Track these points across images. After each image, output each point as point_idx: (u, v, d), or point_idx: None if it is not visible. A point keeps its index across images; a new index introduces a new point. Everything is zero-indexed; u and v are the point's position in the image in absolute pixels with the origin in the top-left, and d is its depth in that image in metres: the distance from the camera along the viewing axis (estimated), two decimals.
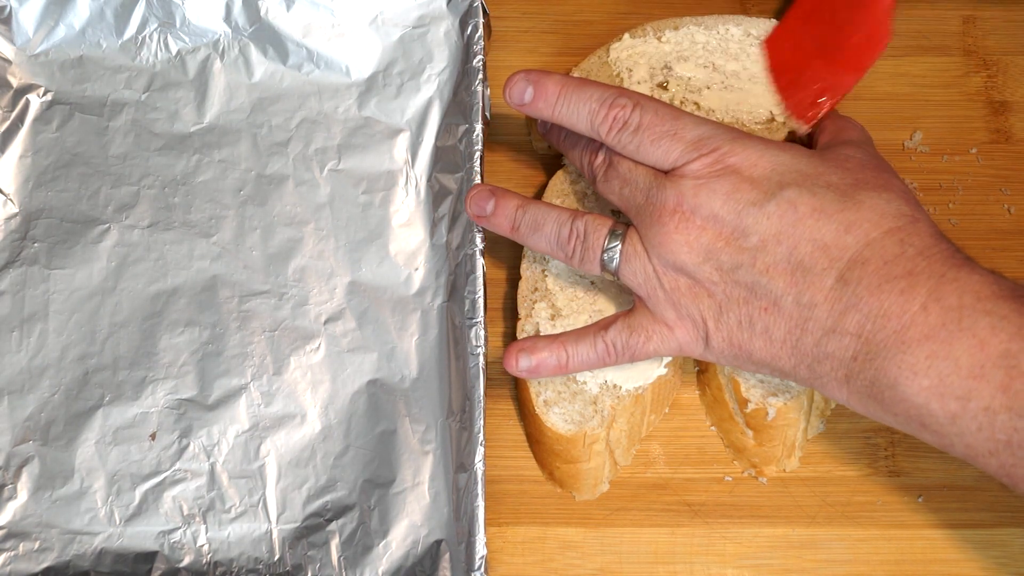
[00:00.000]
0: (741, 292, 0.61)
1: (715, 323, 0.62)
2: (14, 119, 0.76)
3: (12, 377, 0.71)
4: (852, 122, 0.69)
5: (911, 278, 0.58)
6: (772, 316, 0.61)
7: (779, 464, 0.70)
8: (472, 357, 0.69)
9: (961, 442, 0.57)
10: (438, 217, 0.74)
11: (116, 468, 0.69)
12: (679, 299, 0.63)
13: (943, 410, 0.56)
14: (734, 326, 0.62)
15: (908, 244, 0.59)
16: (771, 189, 0.61)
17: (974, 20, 0.80)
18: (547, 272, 0.71)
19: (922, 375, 0.57)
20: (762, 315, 0.61)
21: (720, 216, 0.61)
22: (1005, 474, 0.57)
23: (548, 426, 0.67)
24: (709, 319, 0.62)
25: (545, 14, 0.81)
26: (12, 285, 0.73)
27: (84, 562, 0.67)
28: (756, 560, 0.68)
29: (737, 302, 0.61)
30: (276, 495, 0.68)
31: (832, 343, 0.59)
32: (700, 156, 0.62)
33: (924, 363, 0.57)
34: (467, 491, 0.66)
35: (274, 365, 0.71)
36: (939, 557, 0.68)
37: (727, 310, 0.62)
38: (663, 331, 0.64)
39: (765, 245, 0.60)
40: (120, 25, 0.78)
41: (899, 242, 0.59)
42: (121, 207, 0.75)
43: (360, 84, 0.77)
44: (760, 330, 0.61)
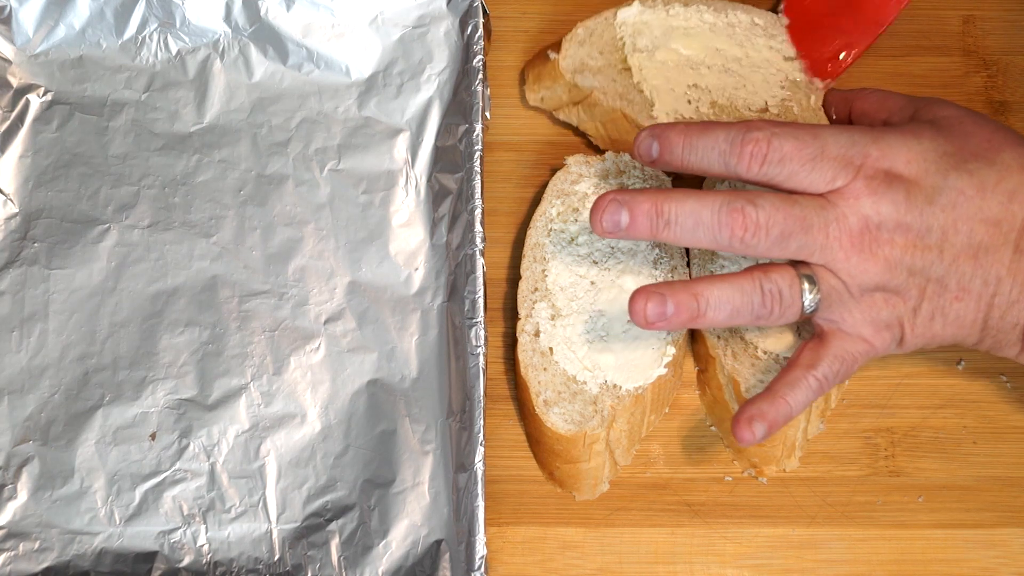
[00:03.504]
0: (933, 287, 0.62)
1: (910, 324, 0.63)
2: (14, 119, 0.76)
3: (12, 377, 0.71)
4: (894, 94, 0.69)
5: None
6: (963, 302, 0.62)
7: (779, 464, 0.70)
8: (472, 357, 0.69)
9: None
10: (438, 217, 0.74)
11: (116, 468, 0.69)
12: (877, 314, 0.63)
13: None
14: (928, 320, 0.63)
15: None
16: (935, 181, 0.62)
17: (974, 20, 0.80)
18: (547, 272, 0.71)
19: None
20: (954, 304, 0.62)
21: (905, 223, 0.61)
22: None
23: (548, 426, 0.67)
24: (905, 322, 0.63)
25: (545, 14, 0.81)
26: (12, 285, 0.73)
27: (84, 562, 0.67)
28: (756, 560, 0.68)
29: (930, 298, 0.62)
30: (276, 495, 0.68)
31: (1015, 311, 0.62)
32: (859, 172, 0.61)
33: None
34: (467, 491, 0.66)
35: (274, 365, 0.71)
36: (939, 557, 0.68)
37: (921, 308, 0.63)
38: (862, 347, 0.64)
39: (946, 237, 0.62)
40: (120, 25, 0.78)
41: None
42: (121, 207, 0.75)
43: (360, 84, 0.77)
44: (952, 318, 0.63)
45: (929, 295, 0.62)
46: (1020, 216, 0.61)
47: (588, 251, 0.71)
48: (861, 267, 0.62)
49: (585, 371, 0.68)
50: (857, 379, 0.72)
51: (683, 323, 0.62)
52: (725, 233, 0.61)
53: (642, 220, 0.62)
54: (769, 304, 0.62)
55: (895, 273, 0.62)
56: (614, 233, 0.63)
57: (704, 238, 0.62)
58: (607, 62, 0.75)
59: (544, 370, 0.68)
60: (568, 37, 0.76)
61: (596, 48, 0.76)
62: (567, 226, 0.72)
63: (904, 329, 0.63)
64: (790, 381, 0.63)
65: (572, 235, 0.71)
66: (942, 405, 0.71)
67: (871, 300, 0.63)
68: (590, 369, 0.68)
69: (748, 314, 0.63)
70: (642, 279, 0.70)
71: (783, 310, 0.63)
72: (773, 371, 0.67)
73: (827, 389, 0.64)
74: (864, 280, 0.62)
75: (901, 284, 0.62)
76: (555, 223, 0.72)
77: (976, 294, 0.62)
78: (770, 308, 0.63)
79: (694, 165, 0.63)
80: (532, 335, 0.69)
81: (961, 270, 0.62)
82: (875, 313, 0.63)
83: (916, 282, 0.62)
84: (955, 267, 0.62)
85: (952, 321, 0.63)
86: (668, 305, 0.62)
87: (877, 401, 0.71)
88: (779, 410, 0.63)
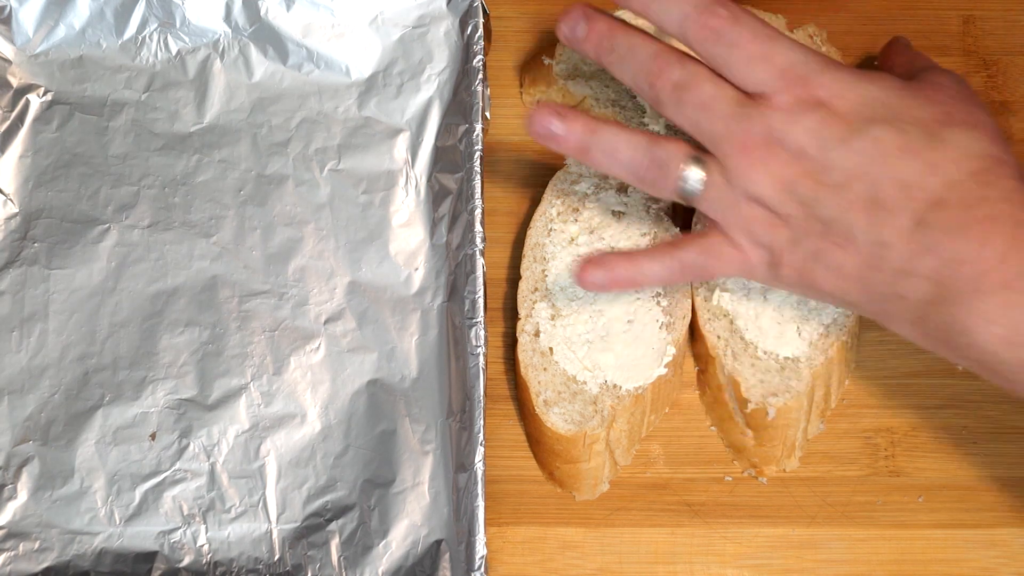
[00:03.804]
0: (817, 226, 0.60)
1: (787, 254, 0.61)
2: (14, 119, 0.76)
3: (12, 377, 0.71)
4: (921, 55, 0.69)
5: (991, 223, 0.57)
6: (845, 252, 0.60)
7: (779, 464, 0.70)
8: (472, 357, 0.69)
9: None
10: (438, 217, 0.74)
11: (116, 468, 0.69)
12: (755, 228, 0.62)
13: (1016, 358, 0.56)
14: (805, 257, 0.61)
15: (991, 187, 0.58)
16: (858, 125, 0.60)
17: (974, 20, 0.80)
18: (547, 272, 0.71)
19: (995, 323, 0.56)
20: (835, 250, 0.60)
21: (806, 150, 0.60)
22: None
23: (548, 426, 0.67)
24: (782, 250, 0.62)
25: (545, 14, 0.81)
26: (12, 285, 0.73)
27: (84, 562, 0.67)
28: (756, 560, 0.68)
29: (812, 236, 0.61)
30: (276, 495, 0.68)
31: (904, 284, 0.59)
32: (789, 86, 0.60)
33: (998, 311, 0.56)
34: (467, 491, 0.66)
35: (274, 365, 0.71)
36: (939, 557, 0.68)
37: (801, 242, 0.61)
38: (735, 255, 0.63)
39: (848, 182, 0.59)
40: (120, 25, 0.78)
41: (982, 184, 0.58)
42: (121, 207, 0.75)
43: (360, 84, 0.77)
44: (832, 264, 0.60)
45: (811, 232, 0.60)
46: (934, 190, 0.58)
47: (588, 251, 0.71)
48: (749, 173, 0.61)
49: (585, 371, 0.68)
50: (857, 379, 0.72)
51: (570, 148, 0.64)
52: (652, 67, 0.63)
53: (589, 45, 0.64)
54: (651, 169, 0.63)
55: (783, 197, 0.60)
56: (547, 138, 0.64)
57: (673, 26, 0.62)
58: (600, 68, 0.75)
59: (544, 370, 0.68)
60: (559, 50, 0.76)
61: None
62: (567, 226, 0.72)
63: (780, 257, 0.62)
64: (652, 252, 0.65)
65: (572, 235, 0.72)
66: (942, 405, 0.71)
67: (752, 211, 0.61)
68: (590, 369, 0.68)
69: (630, 170, 0.63)
70: None
71: (663, 180, 0.63)
72: (773, 371, 0.68)
73: (685, 277, 0.64)
74: (749, 187, 0.61)
75: (787, 211, 0.61)
76: (555, 223, 0.72)
77: (861, 250, 0.59)
78: (651, 173, 0.63)
79: (654, 14, 0.63)
80: (532, 335, 0.69)
81: (851, 219, 0.59)
82: (755, 227, 0.62)
83: (802, 214, 0.60)
84: (846, 214, 0.59)
85: (831, 268, 0.61)
86: (561, 125, 0.63)
87: (877, 401, 0.71)
88: (628, 269, 0.64)
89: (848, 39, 0.79)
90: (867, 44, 0.79)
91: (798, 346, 0.68)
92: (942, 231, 0.57)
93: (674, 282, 0.65)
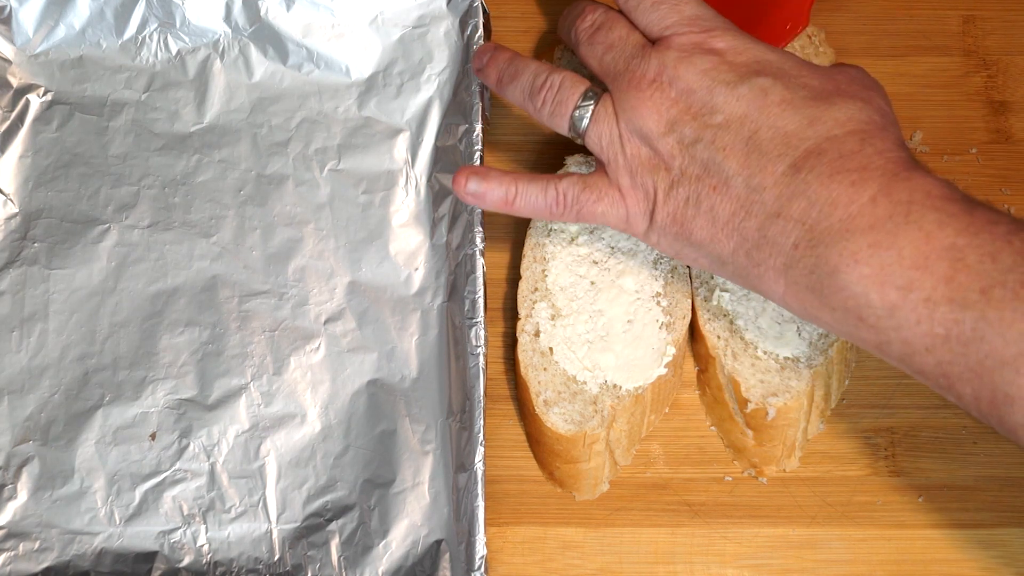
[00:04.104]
0: (695, 169, 0.61)
1: (664, 196, 0.63)
2: (14, 119, 0.76)
3: (12, 377, 0.71)
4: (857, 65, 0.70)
5: (864, 172, 0.58)
6: (720, 195, 0.61)
7: (779, 464, 0.70)
8: (472, 357, 0.69)
9: (898, 336, 0.56)
10: (438, 217, 0.74)
11: (116, 468, 0.69)
12: (637, 167, 0.63)
13: (882, 300, 0.56)
14: (681, 202, 0.62)
15: (868, 144, 0.59)
16: (747, 74, 0.61)
17: (974, 20, 0.80)
18: (547, 272, 0.71)
19: (863, 263, 0.56)
20: (710, 193, 0.61)
21: (693, 90, 0.62)
22: (941, 373, 0.55)
23: (548, 426, 0.67)
24: (660, 192, 0.63)
25: (545, 14, 0.81)
26: (12, 285, 0.73)
27: (84, 562, 0.67)
28: (756, 560, 0.68)
29: (689, 178, 0.62)
30: (276, 495, 0.68)
31: (775, 228, 0.59)
32: (690, 31, 0.63)
33: (866, 252, 0.56)
34: (467, 491, 0.66)
35: (274, 365, 0.71)
36: (939, 557, 0.68)
37: (678, 185, 0.62)
38: (614, 195, 0.64)
39: (728, 125, 0.61)
40: (120, 25, 0.78)
41: (860, 141, 0.59)
42: (121, 207, 0.75)
43: (360, 84, 0.77)
44: (705, 208, 0.61)
45: (690, 175, 0.61)
46: (812, 140, 0.59)
47: (588, 251, 0.71)
48: (636, 107, 0.63)
49: (585, 371, 0.68)
50: (857, 379, 0.72)
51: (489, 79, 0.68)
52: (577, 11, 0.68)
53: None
54: (548, 93, 0.66)
55: (665, 133, 0.62)
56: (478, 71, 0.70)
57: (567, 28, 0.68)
58: None
59: (544, 370, 0.68)
60: (558, 52, 0.76)
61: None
62: (567, 226, 0.72)
63: (657, 200, 0.63)
64: (532, 176, 0.67)
65: (572, 235, 0.72)
66: (942, 405, 0.71)
67: (636, 150, 0.63)
68: (590, 369, 0.68)
69: (529, 94, 0.66)
70: (642, 279, 0.70)
71: (555, 107, 0.66)
72: (773, 371, 0.68)
73: (560, 209, 0.66)
74: (635, 120, 0.63)
75: (668, 150, 0.62)
76: (555, 223, 0.72)
77: (735, 193, 0.60)
78: (544, 97, 0.66)
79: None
80: (532, 335, 0.69)
81: (728, 162, 0.60)
82: (636, 166, 0.63)
83: (682, 153, 0.62)
84: (724, 155, 0.60)
85: (705, 211, 0.61)
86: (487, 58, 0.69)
87: (877, 401, 0.71)
88: (503, 184, 0.66)
89: (848, 39, 0.79)
90: (867, 44, 0.79)
91: (798, 346, 0.68)
92: (815, 176, 0.58)
93: (552, 216, 0.66)
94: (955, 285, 0.54)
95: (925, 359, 0.55)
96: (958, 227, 0.55)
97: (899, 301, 0.55)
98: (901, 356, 0.56)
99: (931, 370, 0.56)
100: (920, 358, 0.56)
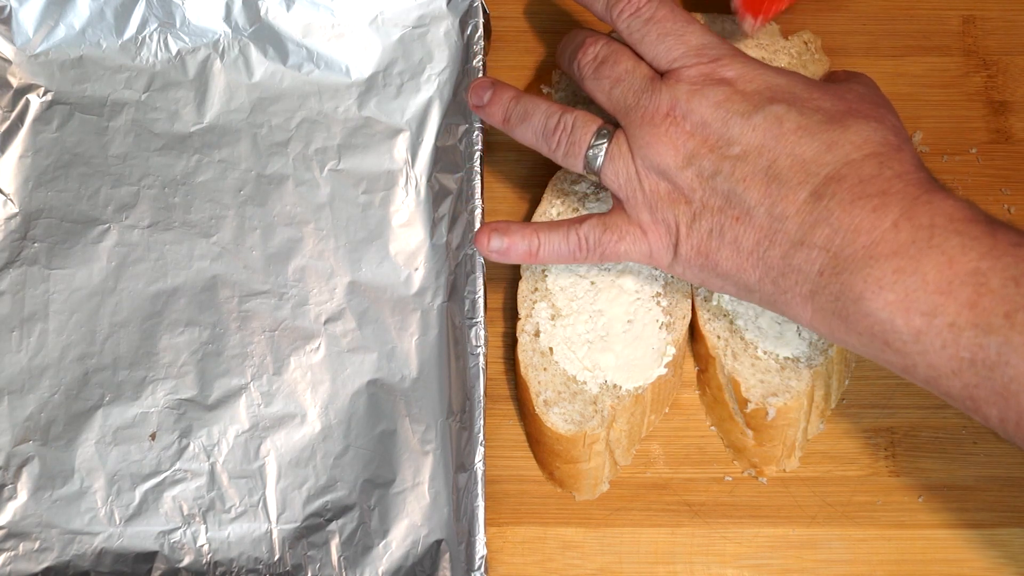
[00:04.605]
0: (717, 200, 0.62)
1: (687, 230, 0.63)
2: (14, 119, 0.76)
3: (12, 377, 0.71)
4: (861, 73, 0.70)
5: (885, 197, 0.58)
6: (743, 226, 0.61)
7: (779, 464, 0.70)
8: (472, 357, 0.69)
9: (924, 361, 0.56)
10: (438, 217, 0.74)
11: (116, 468, 0.69)
12: (656, 203, 0.63)
13: (907, 326, 0.56)
14: (705, 234, 0.62)
15: (887, 167, 0.59)
16: (760, 103, 0.61)
17: (974, 20, 0.80)
18: (547, 272, 0.71)
19: (888, 289, 0.56)
20: (733, 224, 0.61)
21: (708, 123, 0.62)
22: (968, 396, 0.56)
23: (548, 426, 0.67)
24: (682, 225, 0.63)
25: (545, 14, 0.81)
26: (12, 285, 0.73)
27: (84, 562, 0.67)
28: (756, 560, 0.68)
29: (711, 210, 0.62)
30: (276, 495, 0.68)
31: (799, 256, 0.59)
32: (698, 63, 0.63)
33: (891, 277, 0.56)
34: (467, 491, 0.66)
35: (274, 365, 0.71)
36: (939, 557, 0.68)
37: (701, 217, 0.62)
38: (636, 233, 0.64)
39: (746, 155, 0.61)
40: (120, 25, 0.78)
41: (878, 164, 0.59)
42: (121, 207, 0.75)
43: (360, 84, 0.77)
44: (729, 239, 0.61)
45: (711, 207, 0.62)
46: (831, 166, 0.59)
47: None
48: (652, 143, 0.62)
49: (585, 371, 0.68)
50: (857, 379, 0.72)
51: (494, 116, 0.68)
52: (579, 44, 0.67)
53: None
54: (561, 134, 0.66)
55: (684, 168, 0.62)
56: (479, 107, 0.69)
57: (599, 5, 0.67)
58: None
59: (544, 370, 0.68)
60: (556, 76, 0.76)
61: None
62: None
63: (680, 234, 0.63)
64: (552, 225, 0.67)
65: None
66: (942, 405, 0.71)
67: (655, 185, 0.63)
68: (590, 369, 0.68)
69: (542, 136, 0.66)
70: (642, 279, 0.70)
71: (568, 147, 0.65)
72: (773, 371, 0.68)
73: (583, 254, 0.66)
74: (651, 157, 0.63)
75: (687, 183, 0.62)
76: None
77: (758, 223, 0.61)
78: (562, 140, 0.66)
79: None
80: (532, 335, 0.69)
81: (749, 192, 0.61)
82: (656, 201, 0.63)
83: (702, 186, 0.62)
84: (744, 186, 0.61)
85: (729, 243, 0.61)
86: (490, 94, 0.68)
87: (877, 401, 0.71)
88: (525, 240, 0.66)
89: (848, 40, 0.79)
90: (867, 45, 0.79)
91: (798, 346, 0.68)
92: (837, 202, 0.59)
93: (576, 260, 0.66)
94: (979, 310, 0.55)
95: (952, 382, 0.56)
96: (981, 251, 0.56)
97: (924, 327, 0.56)
98: (927, 379, 0.57)
99: (958, 392, 0.56)
100: (946, 381, 0.56)
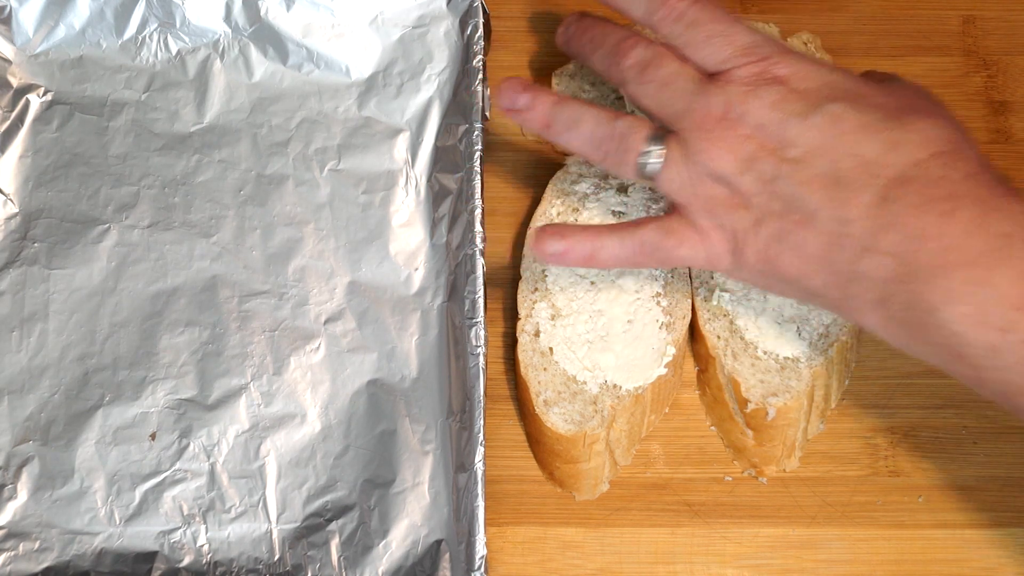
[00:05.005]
0: (778, 204, 0.59)
1: (749, 235, 0.60)
2: (14, 119, 0.76)
3: (12, 377, 0.71)
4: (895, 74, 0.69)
5: (954, 201, 0.56)
6: (806, 230, 0.59)
7: (779, 464, 0.70)
8: (472, 357, 0.69)
9: (997, 377, 0.55)
10: (438, 217, 0.74)
11: (116, 468, 0.69)
12: (716, 208, 0.61)
13: (981, 340, 0.54)
14: (767, 239, 0.60)
15: (953, 168, 0.57)
16: (817, 102, 0.59)
17: (974, 20, 0.81)
18: (547, 272, 0.71)
19: (961, 301, 0.54)
20: (796, 229, 0.59)
21: (764, 125, 0.59)
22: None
23: (548, 426, 0.67)
24: (743, 231, 0.61)
25: (545, 14, 0.81)
26: (12, 285, 0.73)
27: (84, 562, 0.67)
28: (756, 560, 0.68)
29: (773, 215, 0.60)
30: (276, 495, 0.68)
31: (867, 262, 0.57)
32: (749, 63, 0.61)
33: (964, 289, 0.54)
34: (467, 491, 0.66)
35: (274, 365, 0.71)
36: (939, 557, 0.68)
37: (762, 223, 0.60)
38: (696, 238, 0.62)
39: (806, 157, 0.59)
40: (120, 25, 0.78)
41: (944, 165, 0.57)
42: (121, 207, 0.75)
43: (360, 84, 0.77)
44: (793, 244, 0.59)
45: (773, 211, 0.59)
46: (896, 167, 0.57)
47: None
48: (708, 148, 0.60)
49: (585, 371, 0.68)
50: (857, 379, 0.72)
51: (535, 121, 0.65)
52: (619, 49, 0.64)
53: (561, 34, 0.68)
54: (612, 142, 0.63)
55: (743, 172, 0.60)
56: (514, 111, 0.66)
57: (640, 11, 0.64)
58: (599, 93, 0.75)
59: (544, 370, 0.68)
60: (558, 71, 0.76)
61: (587, 80, 0.76)
62: None
63: (741, 239, 0.61)
64: (613, 228, 0.64)
65: None
66: (942, 405, 0.71)
67: (713, 190, 0.61)
68: (590, 369, 0.68)
69: (592, 144, 0.64)
70: (642, 279, 0.70)
71: (624, 155, 0.63)
72: (773, 371, 0.68)
73: (643, 258, 0.64)
74: (708, 163, 0.60)
75: (747, 188, 0.60)
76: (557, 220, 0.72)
77: (822, 227, 0.58)
78: (613, 148, 0.63)
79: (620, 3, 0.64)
80: (532, 335, 0.69)
81: (811, 196, 0.58)
82: (715, 207, 0.61)
83: (763, 191, 0.59)
84: (806, 189, 0.58)
85: (793, 248, 0.59)
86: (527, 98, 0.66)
87: (877, 401, 0.71)
88: (586, 243, 0.64)
89: (848, 40, 0.79)
90: (867, 45, 0.79)
91: (798, 346, 0.68)
92: (905, 207, 0.56)
93: (634, 264, 0.64)
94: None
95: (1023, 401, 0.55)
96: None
97: (999, 342, 0.54)
98: (1000, 394, 0.56)
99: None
100: (1020, 399, 0.55)
